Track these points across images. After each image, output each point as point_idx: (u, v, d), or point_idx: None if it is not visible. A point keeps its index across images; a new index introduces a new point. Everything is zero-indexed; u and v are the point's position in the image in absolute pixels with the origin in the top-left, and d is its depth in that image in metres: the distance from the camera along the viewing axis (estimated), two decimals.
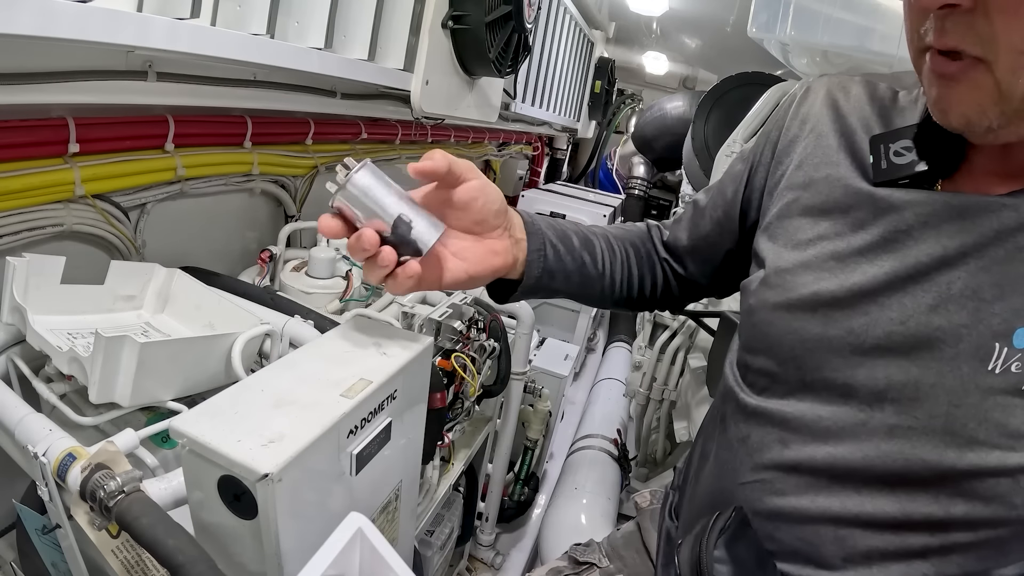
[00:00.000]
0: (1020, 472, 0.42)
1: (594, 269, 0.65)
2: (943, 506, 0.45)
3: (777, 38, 1.25)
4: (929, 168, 0.48)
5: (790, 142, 0.58)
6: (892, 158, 0.49)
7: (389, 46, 1.00)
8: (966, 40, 0.38)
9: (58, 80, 0.65)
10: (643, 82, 4.20)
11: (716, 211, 0.66)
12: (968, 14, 0.38)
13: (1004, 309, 0.43)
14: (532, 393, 1.52)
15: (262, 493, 0.37)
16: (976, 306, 0.44)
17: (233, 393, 0.44)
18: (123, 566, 0.46)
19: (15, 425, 0.51)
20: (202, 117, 0.89)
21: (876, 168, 0.50)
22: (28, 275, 0.62)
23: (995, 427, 0.42)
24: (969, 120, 0.41)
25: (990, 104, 0.40)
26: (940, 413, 0.44)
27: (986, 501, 0.43)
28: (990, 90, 0.39)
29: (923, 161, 0.48)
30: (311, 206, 1.23)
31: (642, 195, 3.60)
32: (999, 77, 0.38)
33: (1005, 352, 0.42)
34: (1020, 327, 0.42)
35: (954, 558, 0.46)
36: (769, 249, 0.56)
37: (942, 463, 0.44)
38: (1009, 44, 0.37)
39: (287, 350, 0.72)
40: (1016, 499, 0.42)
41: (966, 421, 0.43)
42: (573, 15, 2.30)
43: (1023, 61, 0.37)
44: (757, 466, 0.53)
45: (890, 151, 0.50)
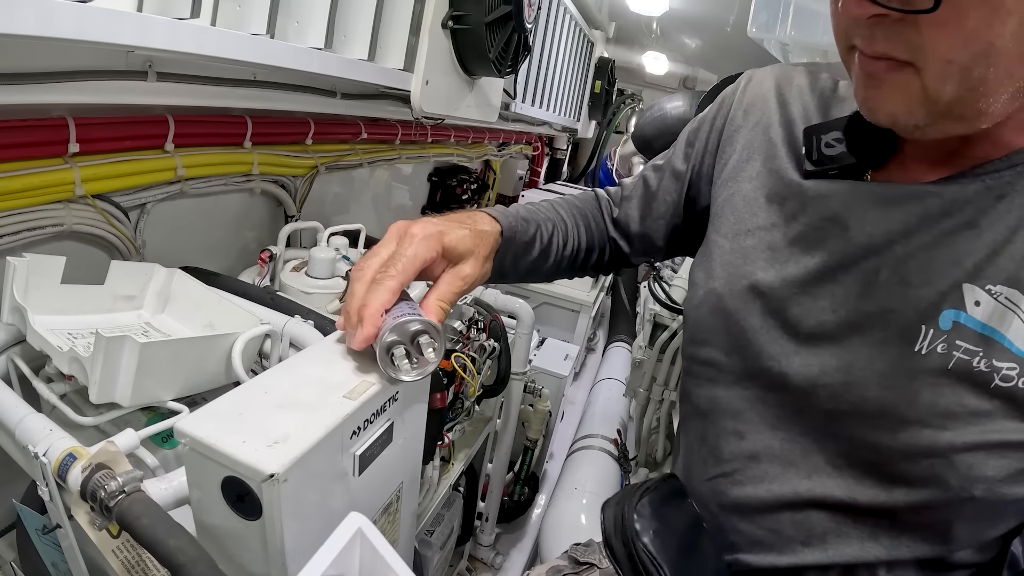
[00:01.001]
0: (952, 451, 0.43)
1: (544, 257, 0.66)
2: (886, 489, 0.46)
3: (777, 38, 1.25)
4: (858, 160, 0.49)
5: (734, 131, 0.60)
6: (823, 149, 0.51)
7: (389, 46, 1.00)
8: (895, 47, 0.39)
9: (58, 80, 0.64)
10: (643, 82, 4.20)
11: (669, 195, 0.67)
12: (897, 23, 0.38)
13: (930, 293, 0.44)
14: (532, 393, 1.52)
15: (267, 494, 0.37)
16: (903, 291, 0.45)
17: (236, 395, 0.44)
18: (123, 566, 0.46)
19: (15, 425, 0.51)
20: (202, 117, 0.88)
21: (808, 158, 0.52)
22: (28, 275, 0.62)
23: (924, 407, 0.44)
24: (896, 119, 0.42)
25: (917, 105, 0.40)
26: (872, 396, 0.46)
27: (923, 483, 0.44)
28: (917, 92, 0.40)
29: (851, 153, 0.49)
30: (311, 206, 1.23)
31: None
32: (926, 82, 0.39)
33: (931, 334, 0.44)
34: (946, 309, 0.43)
35: (904, 541, 0.47)
36: (714, 241, 0.58)
37: (878, 444, 0.46)
38: (936, 53, 0.37)
39: (287, 350, 0.72)
40: (951, 479, 0.43)
41: (896, 403, 0.45)
42: (573, 15, 2.30)
43: (950, 69, 0.37)
44: (719, 460, 0.55)
45: (821, 142, 0.51)
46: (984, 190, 0.44)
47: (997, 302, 0.42)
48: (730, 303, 0.54)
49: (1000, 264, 0.43)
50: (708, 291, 0.57)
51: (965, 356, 0.43)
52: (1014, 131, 0.43)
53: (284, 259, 1.01)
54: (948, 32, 0.36)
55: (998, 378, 0.42)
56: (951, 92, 0.38)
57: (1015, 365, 0.41)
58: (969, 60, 0.36)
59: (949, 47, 0.36)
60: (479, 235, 0.54)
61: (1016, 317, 0.42)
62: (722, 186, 0.60)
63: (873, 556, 0.48)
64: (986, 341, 0.42)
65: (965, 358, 0.43)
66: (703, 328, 0.57)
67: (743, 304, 0.53)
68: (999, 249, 0.43)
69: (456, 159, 1.96)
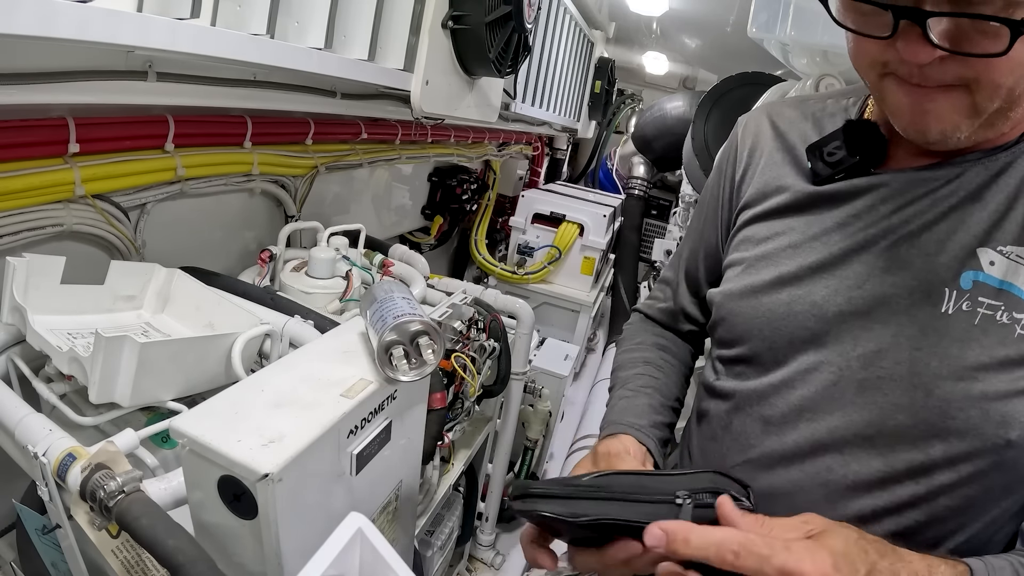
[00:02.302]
0: (985, 400, 0.46)
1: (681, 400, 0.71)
2: (922, 450, 0.48)
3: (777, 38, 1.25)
4: (860, 159, 0.54)
5: (744, 171, 0.64)
6: (827, 159, 0.56)
7: (389, 46, 1.00)
8: (946, 77, 0.42)
9: (58, 80, 0.64)
10: (643, 82, 4.20)
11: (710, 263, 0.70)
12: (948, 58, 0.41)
13: (949, 259, 0.49)
14: (532, 393, 1.52)
15: (262, 493, 0.37)
16: (923, 261, 0.49)
17: (233, 393, 0.44)
18: (123, 566, 0.46)
19: (15, 425, 0.51)
20: (202, 117, 0.88)
21: (814, 171, 0.57)
22: (28, 275, 0.62)
23: (956, 361, 0.47)
24: (945, 136, 0.46)
25: (964, 120, 0.44)
26: (904, 359, 0.49)
27: (960, 435, 0.47)
28: (966, 109, 0.44)
29: (853, 155, 0.54)
30: (311, 206, 1.23)
31: (642, 195, 3.59)
32: (977, 100, 0.43)
33: (955, 295, 0.48)
34: (965, 271, 0.48)
35: (942, 501, 0.49)
36: (734, 257, 0.62)
37: (913, 405, 0.48)
38: (990, 80, 0.41)
39: (287, 350, 0.72)
40: (987, 428, 0.46)
41: (928, 360, 0.48)
42: (573, 15, 2.30)
43: (1000, 91, 0.42)
44: (745, 447, 0.57)
45: (824, 153, 0.56)
46: (982, 169, 0.49)
47: (1009, 260, 0.47)
48: (755, 298, 0.58)
49: (1006, 228, 0.48)
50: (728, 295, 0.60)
51: (988, 311, 0.47)
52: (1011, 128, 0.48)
53: (284, 259, 1.01)
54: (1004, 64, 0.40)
55: (1020, 327, 0.46)
56: (994, 107, 0.43)
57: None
58: (1014, 82, 0.42)
59: (1001, 75, 0.41)
60: None
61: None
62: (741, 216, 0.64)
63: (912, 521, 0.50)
64: (1005, 296, 0.47)
65: (988, 313, 0.47)
66: (729, 329, 0.60)
67: (767, 296, 0.57)
68: (1004, 214, 0.48)
69: (456, 159, 1.96)
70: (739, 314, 0.59)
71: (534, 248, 2.23)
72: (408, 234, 1.93)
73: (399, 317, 0.47)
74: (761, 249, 0.59)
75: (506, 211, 2.59)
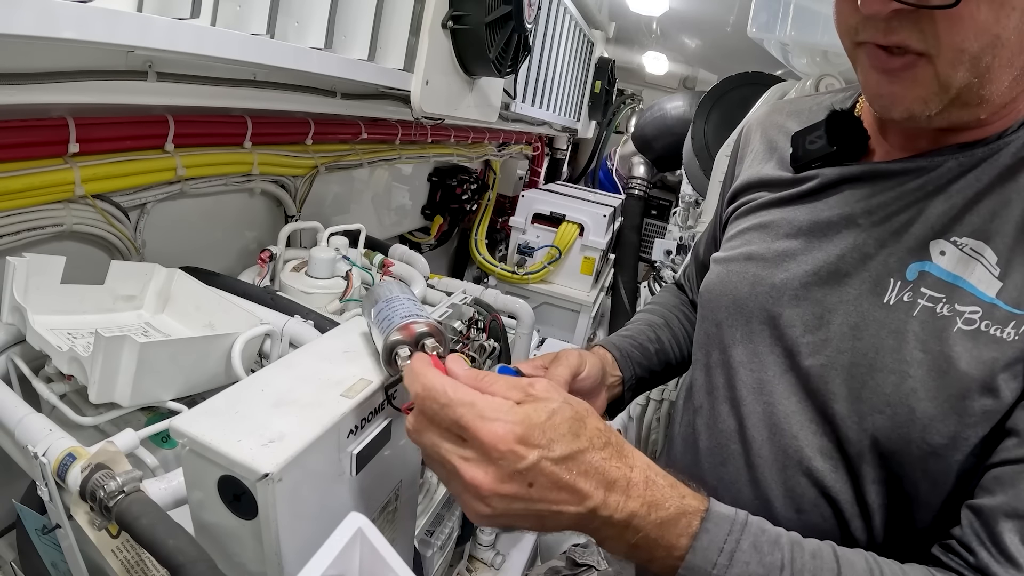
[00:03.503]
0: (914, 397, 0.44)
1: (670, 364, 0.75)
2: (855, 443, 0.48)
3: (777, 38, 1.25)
4: (838, 149, 0.55)
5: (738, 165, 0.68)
6: (807, 146, 0.57)
7: (389, 46, 1.00)
8: (911, 37, 0.42)
9: (58, 80, 0.64)
10: (643, 82, 4.19)
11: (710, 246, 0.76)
12: (913, 14, 0.41)
13: (900, 250, 0.48)
14: None
15: (262, 493, 0.37)
16: (876, 251, 0.50)
17: (233, 393, 0.44)
18: (123, 566, 0.46)
19: (15, 425, 0.51)
20: (202, 117, 0.88)
21: (794, 156, 0.59)
22: (28, 275, 0.62)
23: (890, 354, 0.46)
24: (912, 112, 0.45)
25: (931, 95, 0.44)
26: (846, 348, 0.49)
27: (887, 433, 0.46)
28: (930, 83, 0.43)
29: (831, 145, 0.55)
30: (311, 206, 1.23)
31: (642, 195, 3.59)
32: (939, 70, 0.42)
33: (899, 285, 0.48)
34: (913, 263, 0.48)
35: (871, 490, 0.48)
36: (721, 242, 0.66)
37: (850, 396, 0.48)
38: (950, 42, 0.40)
39: (287, 350, 0.72)
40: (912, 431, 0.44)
41: (866, 351, 0.48)
42: (573, 15, 2.30)
43: (962, 57, 0.41)
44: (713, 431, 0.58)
45: (806, 141, 0.58)
46: (955, 164, 0.48)
47: (962, 252, 0.46)
48: (726, 272, 0.60)
49: (967, 220, 0.47)
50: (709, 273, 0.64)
51: (929, 304, 0.46)
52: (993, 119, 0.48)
53: (284, 259, 1.01)
54: (962, 24, 0.39)
55: (960, 321, 0.44)
56: (961, 79, 0.42)
57: (977, 308, 0.44)
58: (979, 50, 0.40)
59: (962, 37, 0.40)
60: None
61: (979, 264, 0.45)
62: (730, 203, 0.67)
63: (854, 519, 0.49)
64: (950, 288, 0.45)
65: (929, 305, 0.46)
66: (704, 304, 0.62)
67: (736, 272, 0.59)
68: (967, 208, 0.47)
69: (456, 159, 1.96)
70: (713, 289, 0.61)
71: (534, 248, 2.23)
72: (408, 234, 1.93)
73: (406, 318, 0.47)
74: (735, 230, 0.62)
75: (506, 211, 2.59)
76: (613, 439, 0.40)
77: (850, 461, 0.48)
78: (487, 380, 0.40)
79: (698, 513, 0.40)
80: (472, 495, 0.37)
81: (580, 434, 0.38)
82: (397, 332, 0.45)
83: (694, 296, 0.79)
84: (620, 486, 0.38)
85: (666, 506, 0.39)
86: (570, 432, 0.38)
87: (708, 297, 0.62)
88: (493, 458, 0.36)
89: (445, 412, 0.37)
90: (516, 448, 0.36)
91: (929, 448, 0.44)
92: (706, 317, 0.62)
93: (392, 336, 0.45)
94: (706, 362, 0.61)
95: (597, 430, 0.39)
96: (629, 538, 0.39)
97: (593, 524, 0.39)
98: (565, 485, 0.37)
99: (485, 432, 0.36)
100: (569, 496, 0.37)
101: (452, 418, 0.37)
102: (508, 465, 0.36)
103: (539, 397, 0.39)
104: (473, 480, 0.36)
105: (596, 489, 0.38)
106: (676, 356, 0.75)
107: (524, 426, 0.36)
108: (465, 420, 0.36)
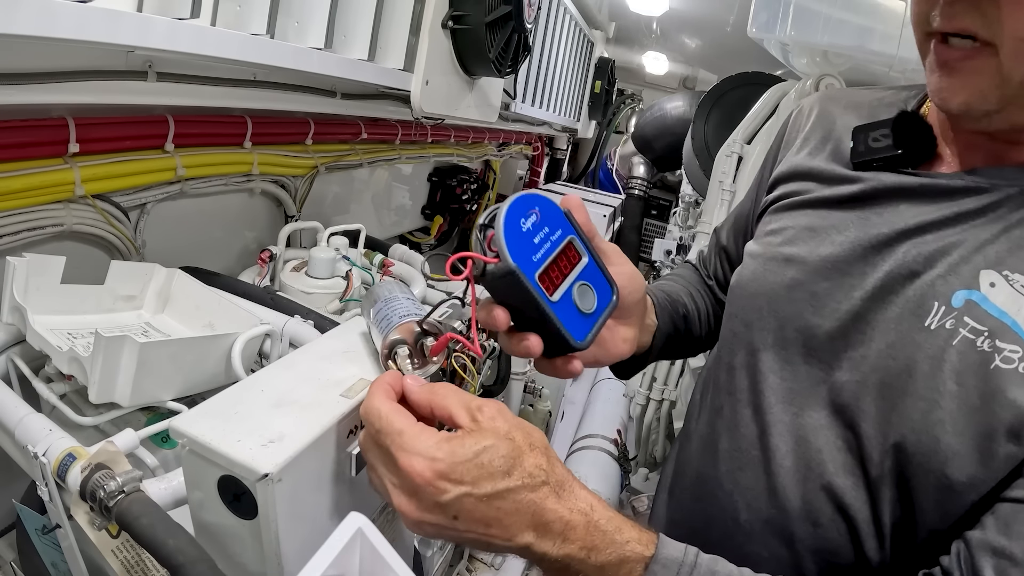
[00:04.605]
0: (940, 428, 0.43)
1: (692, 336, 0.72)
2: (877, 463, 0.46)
3: (777, 38, 1.25)
4: (903, 153, 0.52)
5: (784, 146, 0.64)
6: (870, 143, 0.54)
7: (389, 46, 1.00)
8: (974, 22, 0.41)
9: (58, 80, 0.64)
10: (643, 82, 4.19)
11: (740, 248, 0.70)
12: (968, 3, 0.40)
13: (949, 272, 0.46)
14: (532, 393, 1.52)
15: (262, 493, 0.37)
16: (925, 271, 0.47)
17: (233, 393, 0.44)
18: (123, 566, 0.46)
19: (15, 425, 0.51)
20: (202, 117, 0.88)
21: (855, 151, 0.55)
22: (28, 275, 0.62)
23: (923, 380, 0.44)
24: (969, 106, 0.44)
25: (991, 88, 0.42)
26: (881, 366, 0.47)
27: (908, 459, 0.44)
28: (992, 75, 0.42)
29: (897, 147, 0.52)
30: (311, 206, 1.23)
31: (642, 195, 3.60)
32: (1002, 61, 0.41)
33: (942, 310, 0.45)
34: (960, 289, 0.45)
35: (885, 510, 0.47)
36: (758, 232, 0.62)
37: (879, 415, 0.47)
38: (1013, 30, 0.39)
39: (287, 350, 0.72)
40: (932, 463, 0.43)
41: (899, 373, 0.46)
42: (573, 15, 2.30)
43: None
44: (734, 435, 0.56)
45: (869, 137, 0.54)
46: (1017, 193, 0.46)
47: (1013, 288, 0.44)
48: (763, 269, 0.57)
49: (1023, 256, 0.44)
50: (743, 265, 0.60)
51: (970, 335, 0.43)
52: None
53: (284, 259, 1.01)
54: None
55: (999, 359, 0.42)
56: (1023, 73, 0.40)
57: (1018, 349, 0.42)
58: None
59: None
60: None
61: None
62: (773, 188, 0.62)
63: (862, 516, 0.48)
64: (995, 323, 0.43)
65: (970, 337, 0.43)
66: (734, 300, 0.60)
67: (775, 270, 0.56)
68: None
69: (456, 159, 1.96)
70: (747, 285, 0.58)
71: None
72: (408, 234, 1.93)
73: (404, 317, 0.47)
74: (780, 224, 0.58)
75: None
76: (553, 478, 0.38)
77: (871, 481, 0.47)
78: (439, 396, 0.40)
79: (642, 560, 0.39)
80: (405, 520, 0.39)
81: (512, 472, 0.37)
82: (395, 332, 0.45)
83: (708, 279, 0.76)
84: (555, 529, 0.38)
85: (607, 551, 0.38)
86: (500, 470, 0.37)
87: (740, 293, 0.59)
88: (414, 490, 0.37)
89: (378, 438, 0.38)
90: (437, 483, 0.36)
91: (947, 482, 0.43)
92: (735, 314, 0.59)
93: (391, 335, 0.45)
94: (730, 361, 0.58)
95: (536, 467, 0.38)
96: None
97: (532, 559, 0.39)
98: (492, 521, 0.37)
99: (404, 464, 0.37)
100: (498, 532, 0.37)
101: (383, 445, 0.38)
102: (428, 498, 0.37)
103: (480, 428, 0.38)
104: (399, 507, 0.38)
105: (525, 529, 0.37)
106: (696, 331, 0.72)
107: (446, 463, 0.36)
108: (392, 450, 0.37)
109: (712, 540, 0.53)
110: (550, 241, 0.44)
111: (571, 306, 0.44)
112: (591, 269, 0.47)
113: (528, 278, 0.41)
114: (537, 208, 0.43)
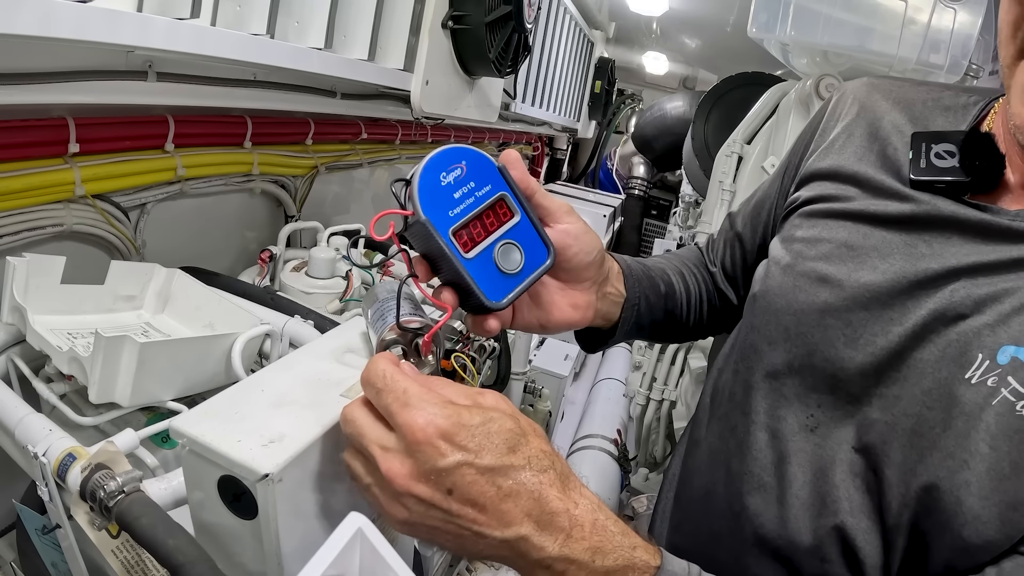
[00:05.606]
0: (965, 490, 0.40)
1: (675, 318, 0.66)
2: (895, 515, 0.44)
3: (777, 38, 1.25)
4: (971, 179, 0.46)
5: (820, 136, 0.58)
6: (933, 159, 0.48)
7: (389, 46, 1.00)
8: None
9: (58, 80, 0.64)
10: (643, 82, 4.20)
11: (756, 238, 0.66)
12: None
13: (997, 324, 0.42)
14: (532, 393, 1.52)
15: (262, 493, 0.37)
16: (971, 315, 0.43)
17: (233, 393, 0.44)
18: (123, 566, 0.46)
19: (15, 425, 0.51)
20: (202, 117, 0.89)
21: (914, 165, 0.48)
22: (28, 275, 0.62)
23: (955, 436, 0.41)
24: None
25: None
26: (913, 412, 0.44)
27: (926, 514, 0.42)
28: None
29: (963, 170, 0.46)
30: (311, 206, 1.23)
31: (642, 195, 3.60)
32: None
33: (986, 364, 0.41)
34: (1006, 344, 0.41)
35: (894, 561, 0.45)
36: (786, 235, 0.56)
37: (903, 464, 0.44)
38: None
39: (287, 350, 0.72)
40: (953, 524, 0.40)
41: (933, 424, 0.43)
42: (573, 15, 2.30)
43: None
44: (746, 457, 0.53)
45: (931, 151, 0.48)
46: None
47: None
48: (794, 285, 0.52)
49: None
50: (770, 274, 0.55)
51: (1011, 397, 0.40)
52: None
53: (284, 259, 1.01)
54: None
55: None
56: None
57: None
58: None
59: None
60: None
61: None
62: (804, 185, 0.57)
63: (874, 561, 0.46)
64: None
65: (1010, 399, 0.40)
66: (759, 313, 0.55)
67: (807, 289, 0.51)
68: None
69: None
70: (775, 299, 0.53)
71: None
72: None
73: (400, 317, 0.47)
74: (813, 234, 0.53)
75: None
76: (558, 466, 0.36)
77: (887, 528, 0.45)
78: (437, 384, 0.38)
79: (649, 569, 0.36)
80: (388, 494, 0.35)
81: (517, 450, 0.34)
82: (391, 331, 0.45)
83: (712, 264, 0.71)
84: (559, 523, 0.34)
85: (614, 555, 0.35)
86: (505, 444, 0.34)
87: (765, 307, 0.54)
88: (412, 450, 0.34)
89: (379, 398, 0.36)
90: (436, 442, 0.33)
91: (962, 544, 0.40)
92: (757, 328, 0.54)
93: (386, 335, 0.45)
94: (747, 379, 0.54)
95: (541, 451, 0.35)
96: None
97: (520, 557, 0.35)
98: (488, 503, 0.33)
99: (404, 419, 0.34)
100: (492, 519, 0.34)
101: (383, 404, 0.35)
102: (426, 460, 0.33)
103: (483, 406, 0.36)
104: (388, 472, 0.34)
105: (524, 518, 0.34)
106: (682, 314, 0.66)
107: (451, 422, 0.33)
108: (392, 408, 0.35)
109: (719, 559, 0.52)
110: (474, 196, 0.42)
111: (490, 264, 0.43)
112: (523, 227, 0.45)
113: (439, 231, 0.40)
114: (464, 162, 0.42)
